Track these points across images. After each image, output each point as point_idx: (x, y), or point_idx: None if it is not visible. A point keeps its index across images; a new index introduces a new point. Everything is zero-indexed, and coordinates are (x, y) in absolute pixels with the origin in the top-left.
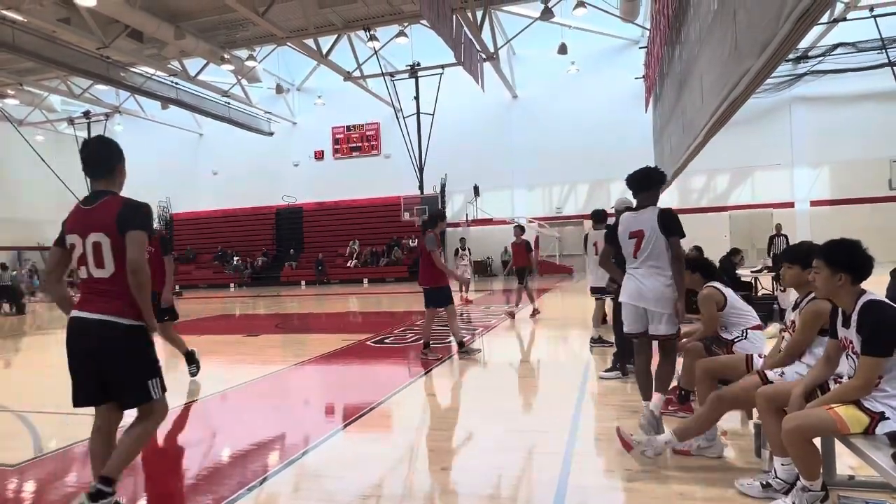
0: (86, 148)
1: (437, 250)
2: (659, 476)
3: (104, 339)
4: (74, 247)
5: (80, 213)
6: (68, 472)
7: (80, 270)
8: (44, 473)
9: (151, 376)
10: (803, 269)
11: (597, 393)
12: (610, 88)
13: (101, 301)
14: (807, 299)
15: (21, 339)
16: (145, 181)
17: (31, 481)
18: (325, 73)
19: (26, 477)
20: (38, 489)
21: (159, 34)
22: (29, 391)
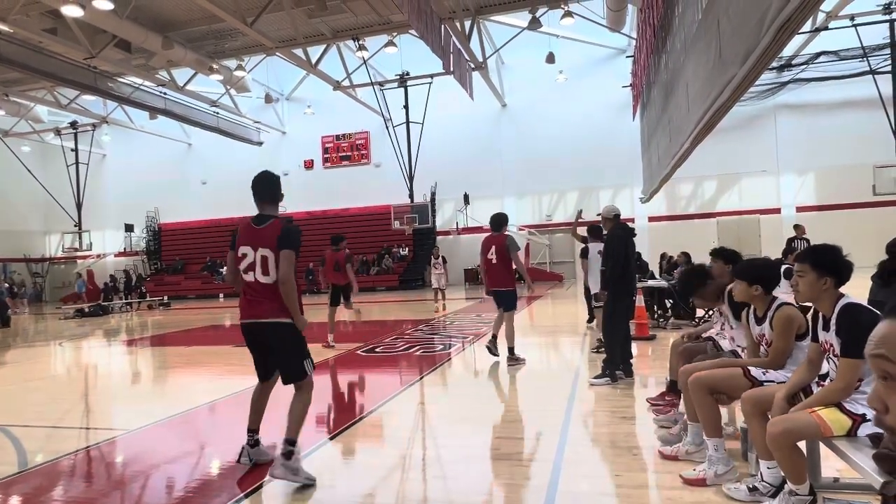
0: (260, 181)
1: (519, 252)
2: (647, 481)
3: (274, 335)
4: (245, 256)
5: (252, 230)
6: (54, 486)
7: (247, 275)
8: (29, 488)
9: (305, 358)
10: (750, 285)
11: (587, 400)
12: (598, 97)
13: (266, 304)
14: (772, 309)
15: (6, 353)
16: (133, 191)
17: (15, 497)
18: (315, 82)
19: (11, 492)
20: None
21: (147, 44)
22: (13, 405)
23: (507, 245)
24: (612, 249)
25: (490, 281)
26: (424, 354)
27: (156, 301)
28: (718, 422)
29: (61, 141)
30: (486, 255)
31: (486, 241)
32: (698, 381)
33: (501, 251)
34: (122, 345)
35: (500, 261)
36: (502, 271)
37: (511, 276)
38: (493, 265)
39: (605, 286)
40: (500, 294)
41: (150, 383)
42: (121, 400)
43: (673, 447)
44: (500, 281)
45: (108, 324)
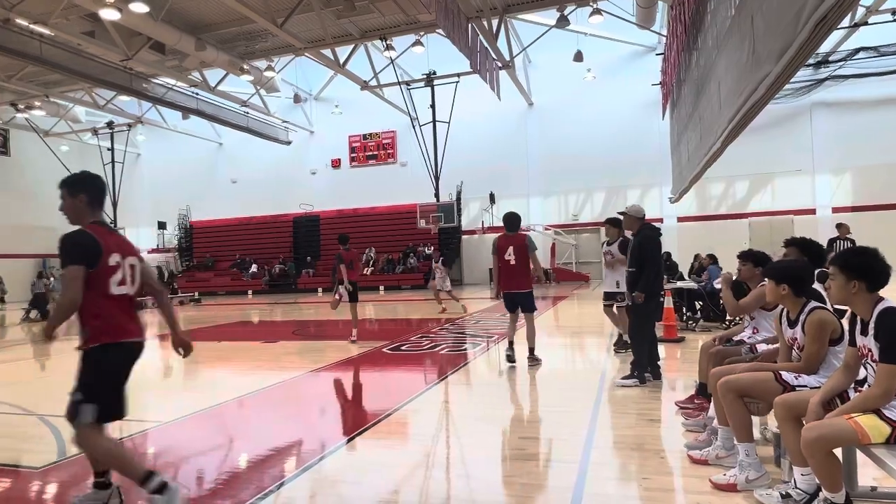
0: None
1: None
2: (675, 485)
3: None
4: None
5: (117, 237)
6: (90, 475)
7: (120, 288)
8: (66, 476)
9: (77, 393)
10: (777, 284)
11: (614, 401)
12: (626, 95)
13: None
14: (804, 313)
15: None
16: (166, 189)
17: (53, 484)
18: (342, 82)
19: (49, 479)
20: (59, 492)
21: (181, 46)
22: (54, 395)
23: (527, 245)
24: (640, 251)
25: (507, 283)
26: (449, 353)
27: (187, 297)
28: (749, 426)
29: (98, 140)
30: (503, 255)
31: (503, 242)
32: (729, 384)
33: (522, 251)
34: (155, 339)
35: (520, 261)
36: (522, 272)
37: (529, 277)
38: (511, 266)
39: (632, 287)
40: (518, 296)
41: (182, 377)
42: (154, 392)
43: (702, 451)
44: (520, 283)
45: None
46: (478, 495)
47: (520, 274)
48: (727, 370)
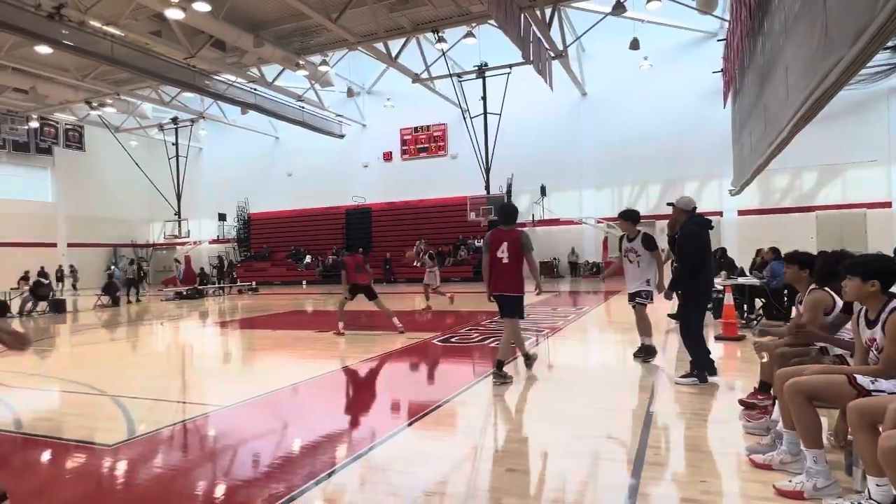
0: None
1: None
2: (735, 489)
3: None
4: None
5: None
6: (156, 454)
7: None
8: (135, 454)
9: None
10: (864, 281)
11: (670, 400)
12: (685, 84)
13: None
14: (886, 311)
15: (115, 330)
16: (226, 182)
17: (124, 461)
18: (394, 75)
19: (120, 457)
20: (129, 469)
21: (240, 43)
22: (122, 378)
23: (522, 241)
24: (687, 245)
25: (497, 283)
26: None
27: (245, 286)
28: (819, 431)
29: (164, 136)
30: (495, 252)
31: (496, 236)
32: (797, 386)
33: (516, 248)
34: (215, 326)
35: (514, 260)
36: (514, 273)
37: (522, 279)
38: (503, 265)
39: (677, 285)
40: (507, 300)
41: (240, 363)
42: (214, 378)
43: (766, 455)
44: (510, 284)
45: (203, 306)
46: (528, 490)
47: (511, 274)
48: (795, 371)
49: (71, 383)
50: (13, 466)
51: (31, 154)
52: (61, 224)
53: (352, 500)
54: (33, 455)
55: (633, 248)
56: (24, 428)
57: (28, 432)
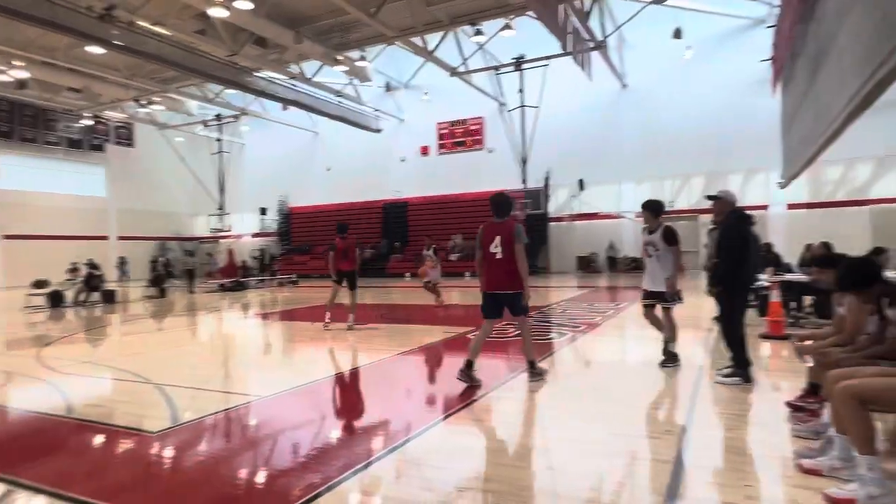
0: None
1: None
2: (781, 494)
3: None
4: None
5: None
6: (199, 441)
7: None
8: (178, 441)
9: None
10: None
11: (712, 399)
12: (730, 73)
13: None
14: None
15: (162, 321)
16: (267, 177)
17: (168, 448)
18: (431, 69)
19: (166, 443)
20: (174, 455)
21: (281, 40)
22: (167, 367)
23: (515, 234)
24: (730, 240)
25: (491, 280)
26: (534, 342)
27: (285, 279)
28: (873, 436)
29: (208, 132)
30: (487, 246)
31: (489, 230)
32: (851, 390)
33: (509, 242)
34: (256, 318)
35: (508, 254)
36: (510, 269)
37: (520, 275)
38: (496, 261)
39: (720, 281)
40: (506, 298)
41: (280, 354)
42: (254, 368)
43: (815, 460)
44: (508, 281)
45: (245, 298)
46: (563, 489)
47: (507, 270)
48: (847, 374)
49: (119, 371)
50: (69, 449)
51: (84, 151)
52: (112, 218)
53: (387, 492)
54: (86, 439)
55: (653, 241)
56: (77, 413)
57: (81, 417)
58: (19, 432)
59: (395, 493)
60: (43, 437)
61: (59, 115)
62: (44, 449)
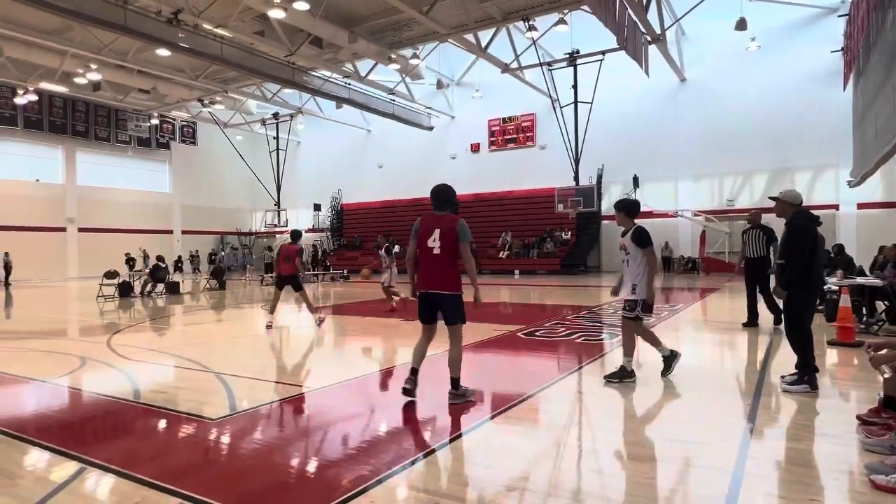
0: None
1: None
2: None
3: None
4: None
5: None
6: (254, 430)
7: None
8: (236, 428)
9: None
10: None
11: (774, 408)
12: (797, 65)
13: None
14: None
15: (221, 312)
16: (321, 174)
17: (226, 434)
18: (483, 66)
19: (224, 430)
20: (230, 442)
21: (336, 39)
22: (226, 356)
23: (458, 230)
24: (789, 241)
25: (426, 278)
26: (585, 342)
27: (337, 274)
28: None
29: (266, 130)
30: (425, 239)
31: (427, 221)
32: None
33: (450, 238)
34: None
35: (448, 252)
36: (447, 266)
37: (458, 274)
38: (433, 256)
39: (787, 285)
40: (441, 300)
41: (331, 348)
42: (307, 360)
43: (890, 477)
44: (445, 281)
45: None
46: (612, 493)
47: (444, 268)
48: None
49: (182, 359)
50: (135, 432)
51: (152, 149)
52: (176, 213)
53: (434, 488)
54: (150, 423)
55: (625, 243)
56: (142, 398)
57: (146, 402)
58: (92, 414)
59: (442, 488)
60: (112, 419)
61: (129, 114)
62: (113, 431)
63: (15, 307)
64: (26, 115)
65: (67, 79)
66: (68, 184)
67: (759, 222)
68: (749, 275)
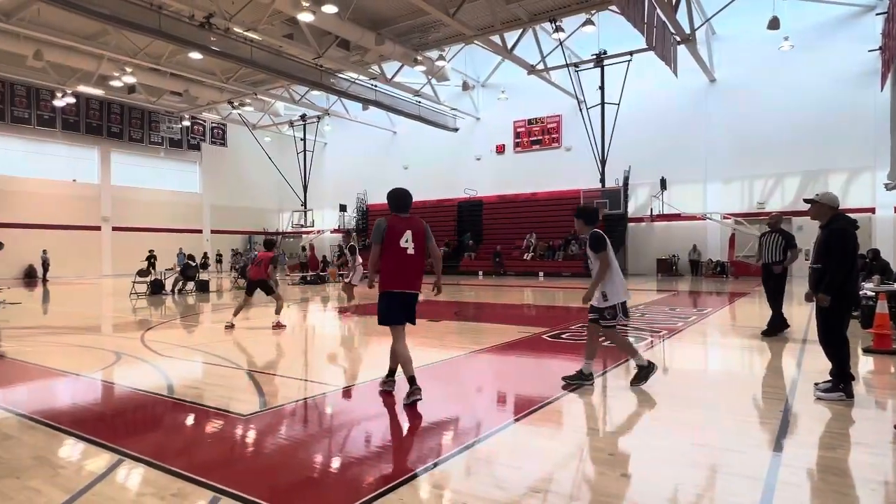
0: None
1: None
2: None
3: None
4: None
5: None
6: (282, 426)
7: None
8: (263, 425)
9: None
10: None
11: (808, 415)
12: (832, 65)
13: None
14: None
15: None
16: (347, 175)
17: (254, 430)
18: (509, 67)
19: (252, 426)
20: (259, 438)
21: (363, 41)
22: (255, 354)
23: (427, 232)
24: (827, 245)
25: (406, 278)
26: (611, 346)
27: (362, 275)
28: None
29: (293, 132)
30: (397, 241)
31: (398, 224)
32: None
33: (421, 239)
34: (333, 311)
35: (420, 252)
36: (421, 268)
37: (422, 274)
38: (410, 257)
39: (827, 289)
40: (414, 299)
41: (356, 347)
42: (333, 359)
43: None
44: (420, 280)
45: (325, 291)
46: (639, 497)
47: (420, 268)
48: None
49: (211, 356)
50: (166, 426)
51: (183, 150)
52: (206, 213)
53: (458, 488)
54: (181, 418)
55: (587, 251)
56: (174, 394)
57: (177, 397)
58: (126, 407)
59: (467, 489)
60: (144, 413)
61: (162, 116)
62: (147, 424)
63: (52, 303)
64: (65, 118)
65: (103, 82)
66: (103, 184)
67: (780, 226)
68: (765, 280)
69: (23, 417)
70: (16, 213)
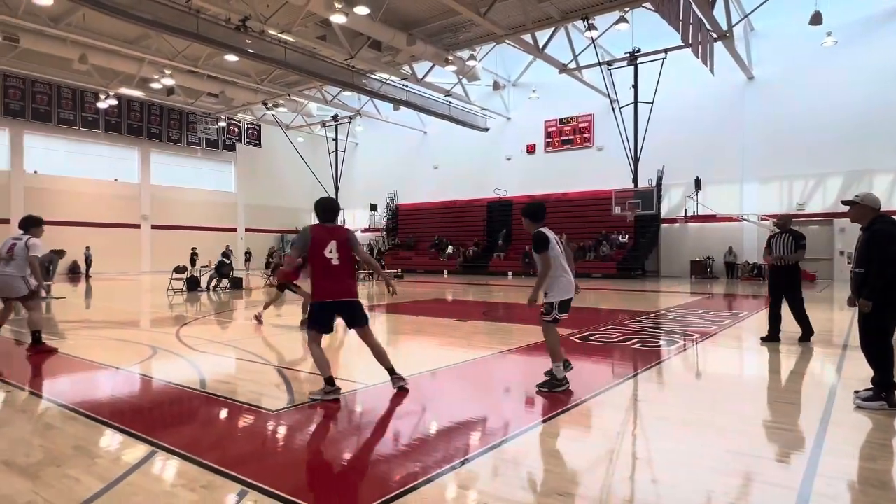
0: None
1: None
2: None
3: None
4: None
5: None
6: (310, 423)
7: None
8: (293, 421)
9: None
10: None
11: (847, 424)
12: (878, 61)
13: None
14: None
15: (280, 308)
16: (378, 175)
17: (284, 426)
18: (540, 67)
19: (281, 422)
20: (288, 434)
21: (394, 42)
22: (284, 351)
23: (351, 240)
24: (869, 247)
25: (333, 288)
26: (642, 349)
27: (392, 273)
28: None
29: (325, 132)
30: (322, 251)
31: (321, 233)
32: None
33: (347, 249)
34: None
35: (346, 261)
36: (350, 274)
37: (356, 281)
38: (336, 267)
39: (858, 292)
40: (351, 306)
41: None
42: (361, 357)
43: None
44: (350, 287)
45: None
46: (667, 502)
47: (348, 276)
48: None
49: (243, 352)
50: (199, 420)
51: (219, 150)
52: (241, 212)
53: (484, 488)
54: (213, 412)
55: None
56: (207, 388)
57: (210, 392)
58: (161, 400)
59: (492, 490)
60: (179, 406)
61: (199, 117)
62: (180, 417)
63: (94, 298)
64: (107, 119)
65: (144, 84)
66: (143, 183)
67: (790, 227)
68: (775, 283)
69: (64, 408)
70: (61, 211)
